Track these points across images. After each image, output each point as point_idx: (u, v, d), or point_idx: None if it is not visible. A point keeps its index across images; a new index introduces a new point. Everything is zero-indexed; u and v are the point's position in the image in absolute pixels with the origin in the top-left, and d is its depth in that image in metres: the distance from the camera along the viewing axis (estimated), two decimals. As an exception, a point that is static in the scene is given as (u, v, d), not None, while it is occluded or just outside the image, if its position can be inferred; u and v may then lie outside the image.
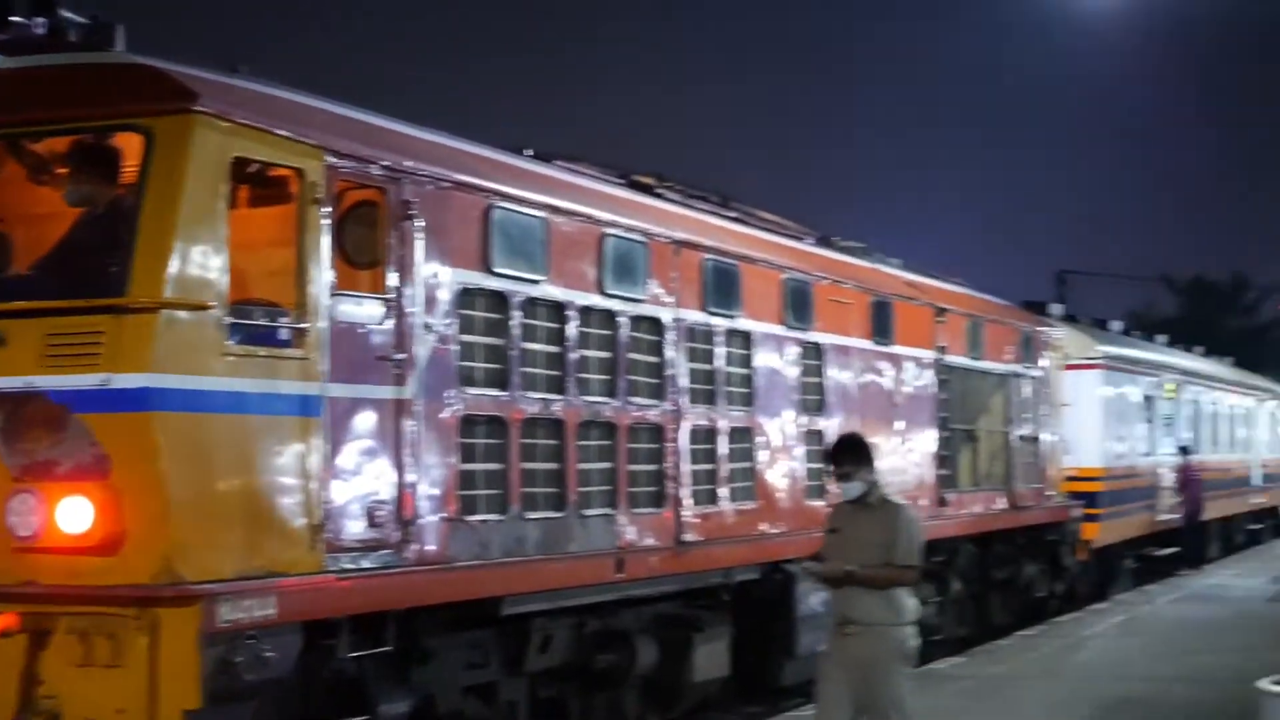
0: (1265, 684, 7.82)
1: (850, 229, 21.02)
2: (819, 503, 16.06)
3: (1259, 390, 43.18)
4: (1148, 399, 30.75)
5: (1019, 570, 22.57)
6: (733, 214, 16.53)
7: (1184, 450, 32.09)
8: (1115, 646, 19.66)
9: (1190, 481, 31.40)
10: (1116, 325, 33.66)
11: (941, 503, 19.29)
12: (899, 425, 18.18)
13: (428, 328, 10.66)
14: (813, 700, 12.11)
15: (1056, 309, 28.92)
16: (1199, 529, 32.28)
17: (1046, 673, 17.46)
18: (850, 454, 10.51)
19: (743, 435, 14.81)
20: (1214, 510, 34.85)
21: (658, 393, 13.44)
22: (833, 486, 16.20)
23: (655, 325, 13.47)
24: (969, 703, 15.48)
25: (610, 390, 12.77)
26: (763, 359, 15.20)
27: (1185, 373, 34.28)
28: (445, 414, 10.79)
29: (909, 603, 10.33)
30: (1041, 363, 23.37)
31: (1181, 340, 42.90)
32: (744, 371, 14.90)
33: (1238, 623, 21.74)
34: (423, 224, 10.59)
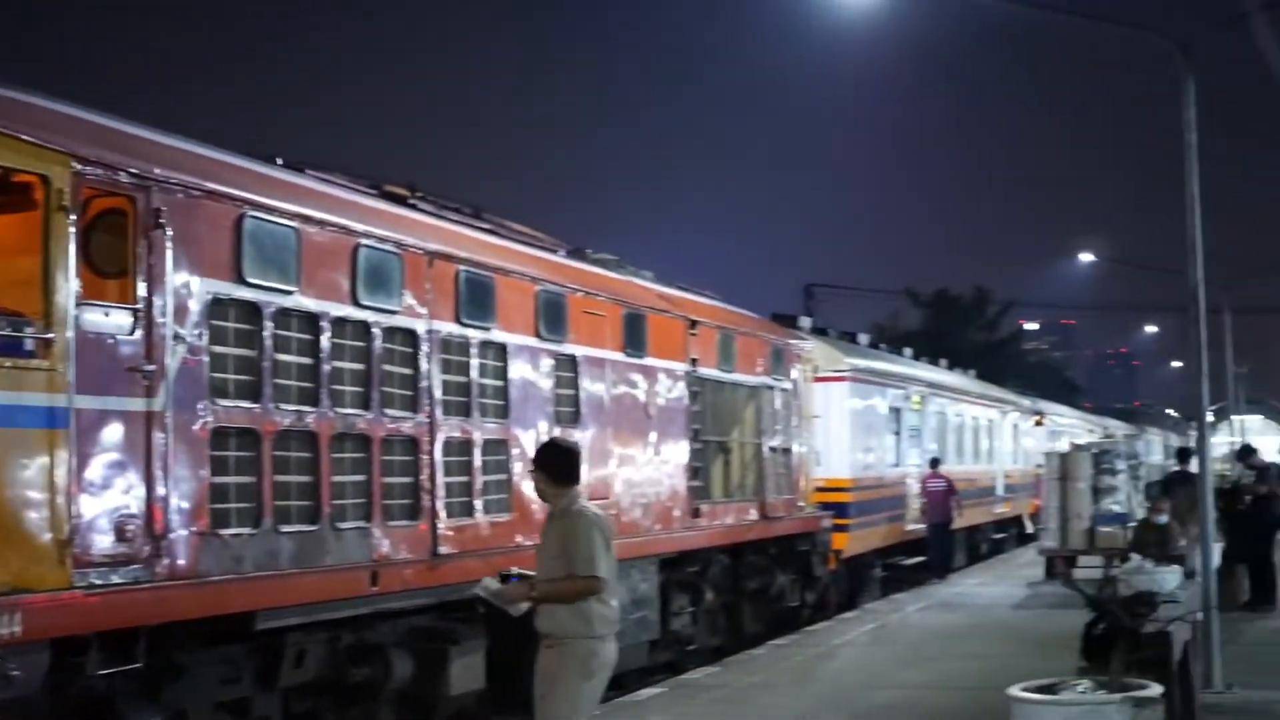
0: (1016, 690, 8.00)
1: (602, 242, 21.18)
2: (574, 514, 16.15)
3: (1002, 402, 44.26)
4: (895, 411, 31.37)
5: (771, 580, 22.86)
6: (485, 226, 16.55)
7: (934, 462, 32.77)
8: (866, 655, 20.00)
9: (940, 492, 31.98)
10: (864, 338, 34.27)
11: (695, 514, 19.47)
12: (652, 437, 18.32)
13: (178, 338, 10.52)
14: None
15: (805, 322, 29.35)
16: (947, 539, 32.94)
17: (800, 681, 17.69)
18: (543, 462, 10.35)
19: (498, 447, 14.82)
20: (960, 520, 35.70)
21: (412, 405, 13.41)
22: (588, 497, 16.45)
23: (409, 337, 13.43)
24: (723, 712, 15.64)
25: (364, 402, 12.71)
26: (517, 371, 15.23)
27: (931, 385, 35.03)
28: (196, 426, 10.66)
29: (599, 613, 10.13)
30: (792, 375, 23.72)
31: (925, 353, 43.82)
32: (498, 383, 14.91)
33: (984, 630, 22.25)
34: (172, 233, 10.46)
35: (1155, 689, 7.86)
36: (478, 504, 14.35)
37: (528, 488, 15.05)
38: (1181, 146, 16.63)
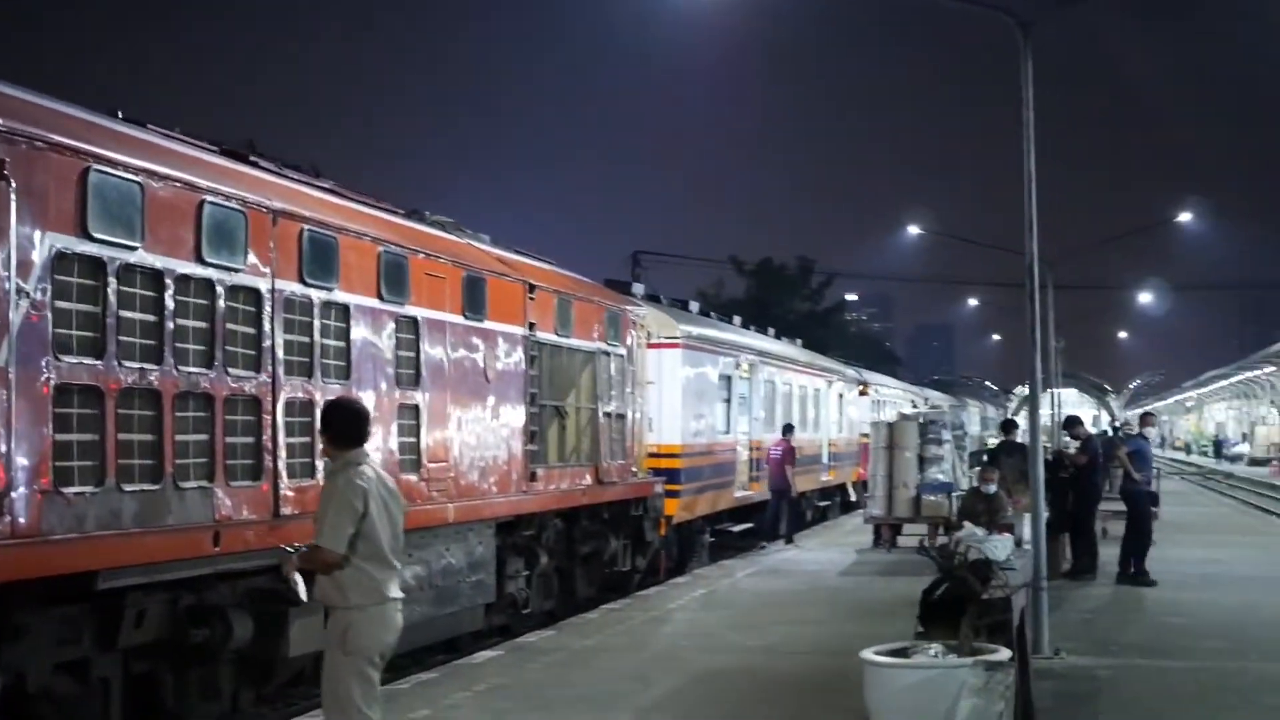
0: (869, 654, 8.10)
1: (440, 205, 21.01)
2: (412, 476, 16.11)
3: (828, 372, 44.68)
4: (725, 378, 31.55)
5: (605, 544, 22.95)
6: (325, 185, 16.40)
7: (787, 429, 33.04)
8: (699, 619, 20.14)
9: (783, 459, 32.17)
10: (695, 306, 34.41)
11: (531, 478, 19.48)
12: (491, 400, 18.29)
13: (21, 293, 10.33)
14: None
15: (638, 289, 29.39)
16: (786, 506, 33.15)
17: (635, 645, 17.78)
18: (326, 422, 10.00)
19: (340, 408, 14.71)
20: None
21: (255, 364, 13.26)
22: (428, 460, 16.42)
23: (253, 295, 13.28)
24: (561, 675, 15.67)
25: (208, 361, 12.55)
26: (360, 332, 15.12)
27: (761, 353, 35.25)
28: (39, 383, 10.48)
29: (356, 582, 9.52)
30: (627, 341, 23.79)
31: (750, 322, 44.12)
32: (341, 344, 14.80)
33: (813, 596, 22.49)
34: (15, 185, 10.26)
35: (1005, 652, 8.01)
36: (320, 465, 14.23)
37: (374, 447, 15.03)
38: (1019, 124, 16.87)
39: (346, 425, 9.87)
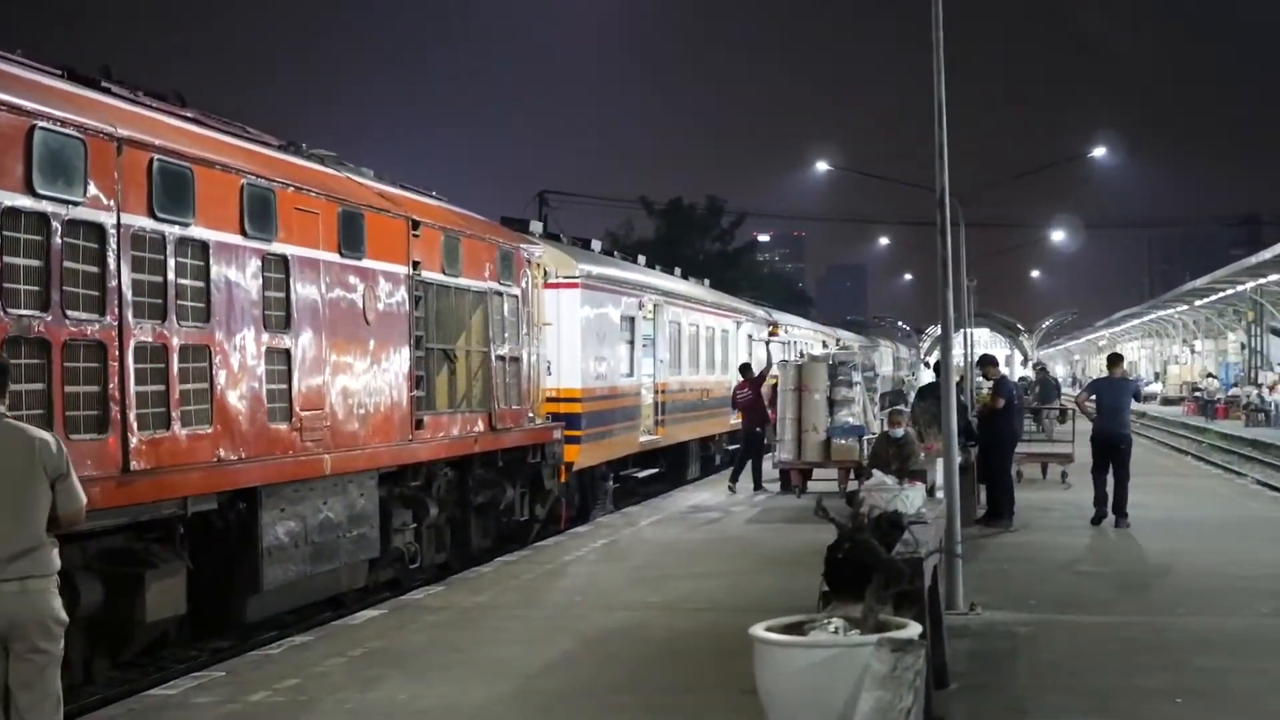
0: (760, 631, 7.08)
1: (349, 150, 19.83)
2: (284, 425, 15.02)
3: (736, 312, 43.65)
4: (628, 319, 30.48)
5: (500, 494, 21.89)
6: (188, 115, 15.22)
7: (744, 368, 32.08)
8: (597, 573, 19.14)
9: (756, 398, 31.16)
10: (598, 245, 33.30)
11: (418, 425, 18.40)
12: (371, 344, 17.16)
13: None
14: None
15: (536, 227, 28.24)
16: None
17: (528, 602, 16.77)
18: None
19: (199, 354, 13.59)
20: (690, 432, 35.08)
21: (99, 306, 12.13)
22: (300, 408, 15.30)
23: (95, 231, 12.13)
24: (444, 636, 14.63)
25: (43, 303, 11.41)
26: (221, 271, 13.98)
27: (665, 293, 34.10)
28: None
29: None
30: (522, 281, 22.66)
31: (660, 262, 43.12)
32: (199, 284, 13.66)
33: (718, 546, 21.51)
34: None
35: (914, 628, 7.03)
36: (175, 415, 13.11)
37: (234, 397, 13.95)
38: (930, 48, 15.85)
39: None
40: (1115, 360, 24.83)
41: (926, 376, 59.83)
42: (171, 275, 13.14)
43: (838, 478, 28.54)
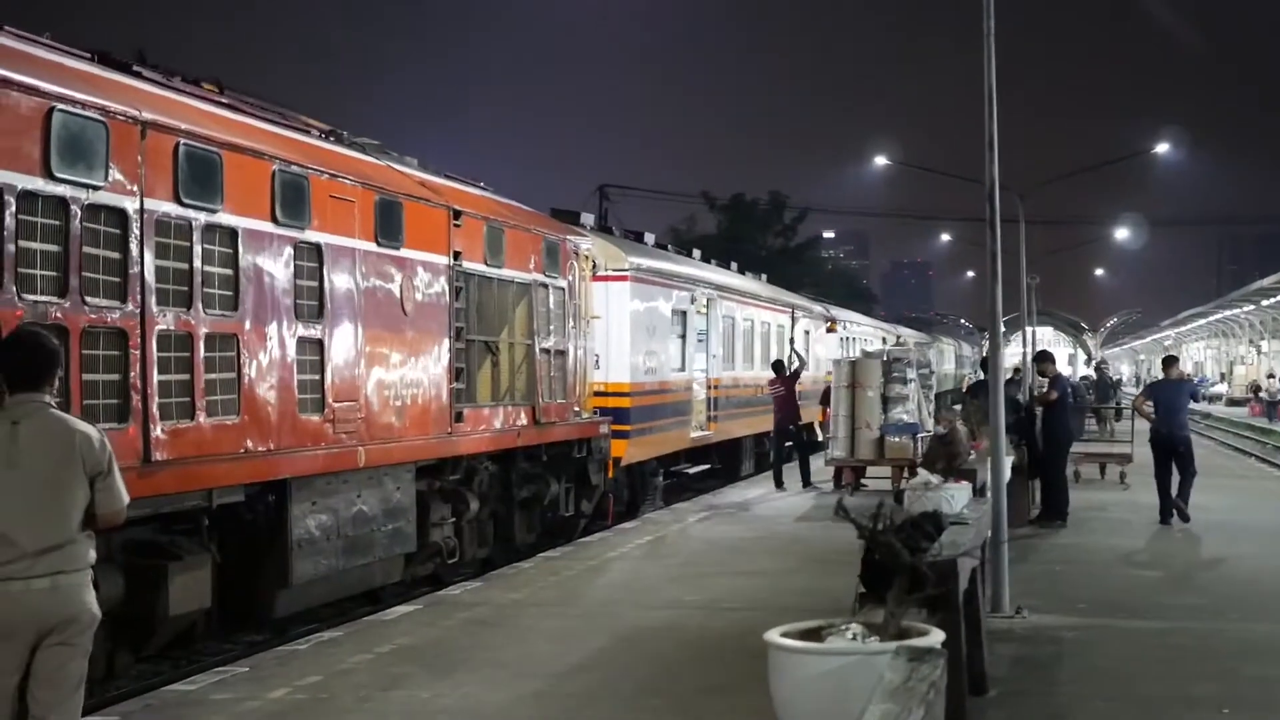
0: (775, 636, 6.72)
1: (417, 151, 19.53)
2: (315, 417, 14.74)
3: (793, 307, 43.19)
4: (680, 313, 30.13)
5: (545, 488, 21.58)
6: (224, 101, 14.97)
7: (777, 366, 31.46)
8: (639, 569, 18.80)
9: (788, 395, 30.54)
10: (651, 238, 32.93)
11: (458, 418, 18.11)
12: (408, 335, 16.88)
13: None
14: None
15: (588, 219, 27.91)
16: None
17: (565, 599, 16.45)
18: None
19: (226, 343, 13.32)
20: (744, 428, 34.64)
21: (120, 293, 11.87)
22: (333, 399, 15.02)
23: (117, 216, 11.87)
24: (476, 634, 14.32)
25: (60, 289, 11.16)
26: (250, 259, 13.71)
27: (719, 287, 33.71)
28: None
29: None
30: (569, 273, 22.34)
31: (722, 258, 42.76)
32: (227, 272, 13.39)
33: (765, 544, 21.13)
34: None
35: (936, 636, 6.66)
36: (200, 404, 12.84)
37: (263, 387, 13.68)
38: (982, 35, 15.41)
39: (13, 360, 7.88)
40: (1170, 362, 25.19)
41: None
42: (197, 262, 12.88)
43: (891, 475, 28.07)
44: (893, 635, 6.79)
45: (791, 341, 40.49)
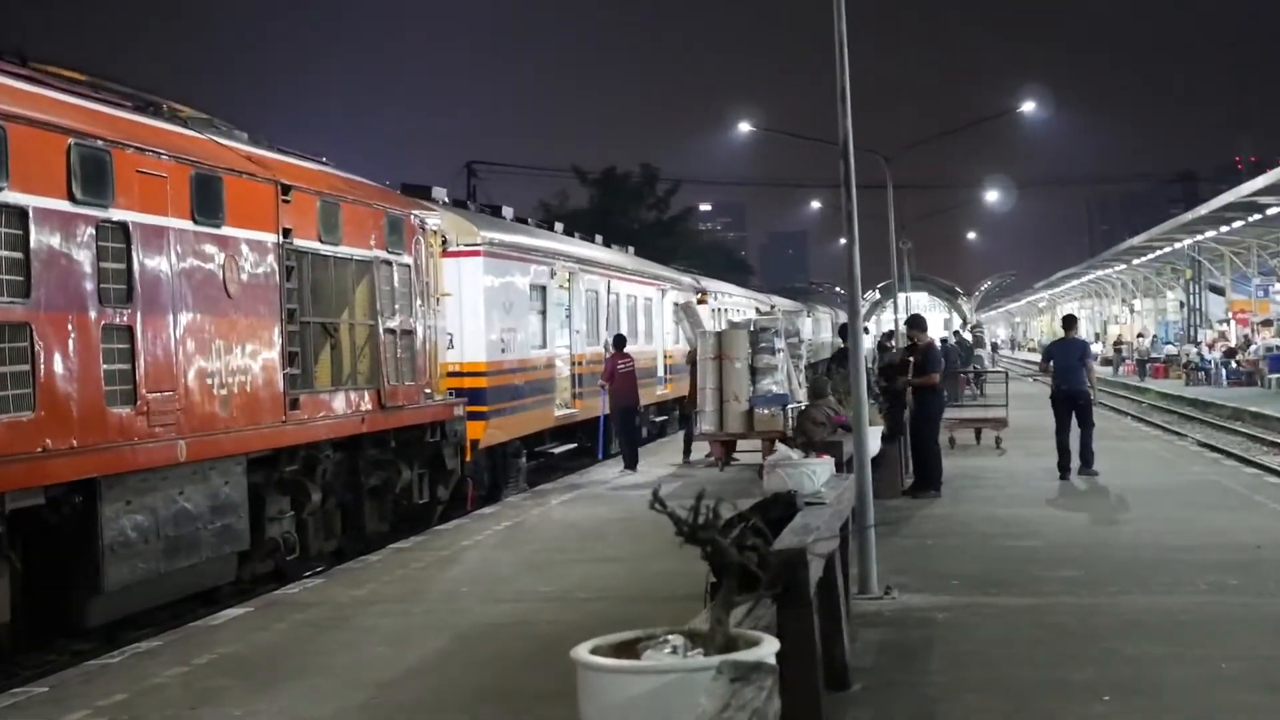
0: (583, 653, 5.75)
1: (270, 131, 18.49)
2: (126, 409, 13.63)
3: (661, 279, 42.25)
4: (540, 288, 29.09)
5: (395, 476, 20.53)
6: (22, 73, 13.77)
7: (619, 341, 30.16)
8: (492, 559, 17.80)
9: (629, 374, 29.34)
10: (509, 212, 31.87)
11: (293, 405, 17.02)
12: (233, 319, 15.77)
13: None
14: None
15: (440, 192, 26.75)
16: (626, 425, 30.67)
17: (410, 594, 15.44)
18: None
19: (16, 333, 12.18)
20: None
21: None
22: (146, 390, 13.91)
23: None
24: (308, 638, 13.28)
25: None
26: (44, 241, 12.55)
27: (580, 261, 32.68)
28: None
29: None
30: (414, 249, 21.24)
31: (596, 232, 41.79)
32: (16, 255, 12.24)
33: (627, 526, 20.10)
34: None
35: (768, 647, 5.73)
36: (-15, 400, 11.72)
37: (61, 380, 12.55)
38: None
39: None
40: (1070, 322, 26.78)
41: (865, 341, 58.71)
42: (-25, 246, 11.74)
43: (762, 449, 27.17)
44: (719, 647, 5.87)
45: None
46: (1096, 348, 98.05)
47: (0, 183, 12.02)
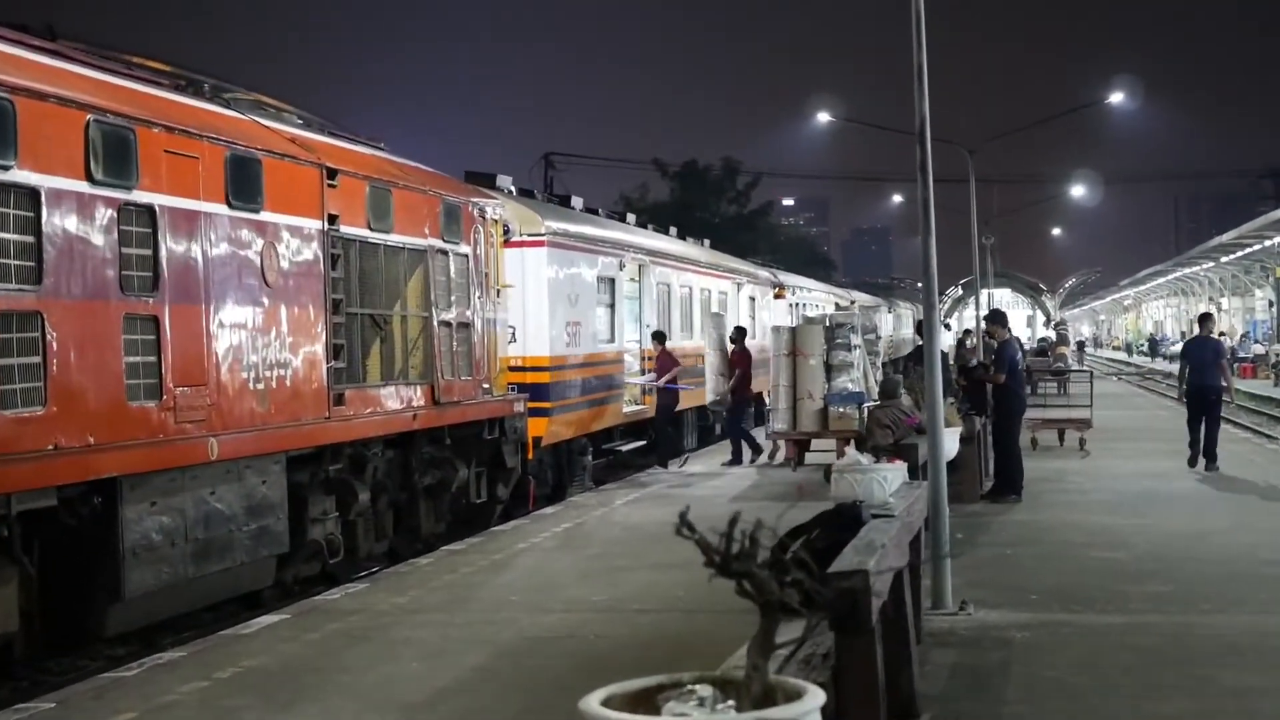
0: (592, 704, 4.83)
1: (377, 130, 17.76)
2: (150, 404, 12.80)
3: (736, 273, 41.22)
4: (609, 281, 28.17)
5: (452, 474, 19.65)
6: (47, 46, 12.96)
7: (658, 337, 29.25)
8: (547, 563, 16.93)
9: (662, 371, 28.54)
10: (579, 202, 30.95)
11: (337, 401, 16.17)
12: (271, 309, 14.92)
13: None
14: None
15: (506, 181, 25.86)
16: (673, 422, 29.81)
17: (454, 602, 14.56)
18: None
19: (25, 322, 11.35)
20: (685, 400, 32.62)
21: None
22: (173, 383, 13.08)
23: None
24: (340, 650, 12.42)
25: None
26: (56, 223, 11.72)
27: (651, 253, 31.72)
28: None
29: None
30: (473, 238, 20.35)
31: (675, 225, 40.88)
32: (26, 239, 11.42)
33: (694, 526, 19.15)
34: None
35: (810, 701, 4.78)
36: (-17, 388, 10.89)
37: (77, 372, 11.71)
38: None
39: None
40: (1205, 319, 27.20)
41: (947, 339, 57.54)
42: (-19, 229, 10.92)
43: (836, 449, 26.19)
44: (754, 699, 4.95)
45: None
46: (1179, 348, 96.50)
47: (8, 161, 11.20)
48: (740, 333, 30.67)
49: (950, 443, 16.82)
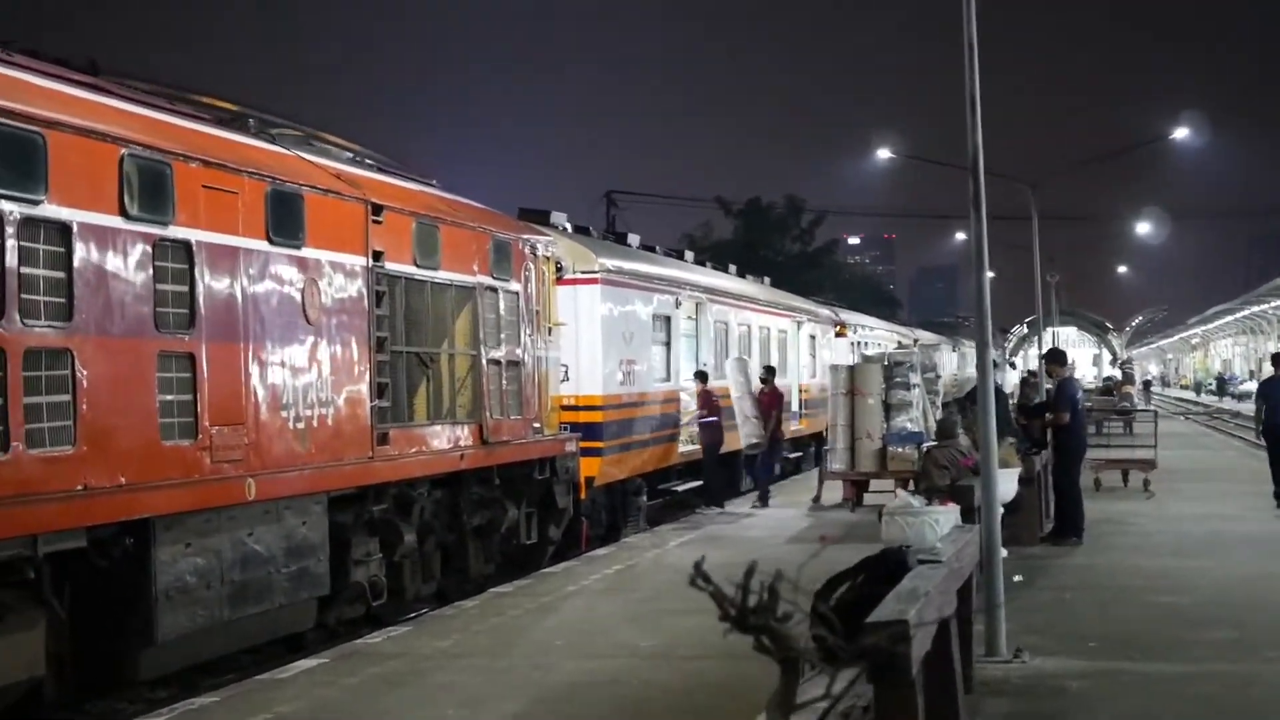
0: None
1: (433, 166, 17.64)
2: (185, 441, 12.56)
3: (796, 311, 40.86)
4: (664, 319, 27.86)
5: (501, 515, 19.36)
6: (85, 80, 12.77)
7: (701, 376, 28.83)
8: (594, 607, 16.60)
9: (709, 410, 28.15)
10: (635, 239, 30.68)
11: (381, 440, 15.90)
12: (313, 346, 14.66)
13: None
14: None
15: (560, 218, 25.63)
16: (723, 461, 29.42)
17: (498, 647, 14.25)
18: None
19: (55, 359, 11.11)
20: (734, 440, 32.20)
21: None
22: (209, 422, 12.84)
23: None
24: (377, 696, 12.14)
25: None
26: (88, 259, 11.51)
27: (707, 290, 31.41)
28: None
29: None
30: (524, 275, 20.09)
31: (739, 264, 40.61)
32: (56, 275, 11.20)
33: (742, 572, 18.78)
34: None
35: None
36: (16, 434, 10.65)
37: (109, 410, 11.47)
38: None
39: None
40: (1278, 359, 26.48)
41: (1012, 378, 56.91)
42: (10, 262, 10.69)
43: (895, 489, 25.76)
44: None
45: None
46: (1250, 385, 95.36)
47: (38, 195, 10.99)
48: (770, 372, 30.30)
49: (1009, 484, 16.45)
